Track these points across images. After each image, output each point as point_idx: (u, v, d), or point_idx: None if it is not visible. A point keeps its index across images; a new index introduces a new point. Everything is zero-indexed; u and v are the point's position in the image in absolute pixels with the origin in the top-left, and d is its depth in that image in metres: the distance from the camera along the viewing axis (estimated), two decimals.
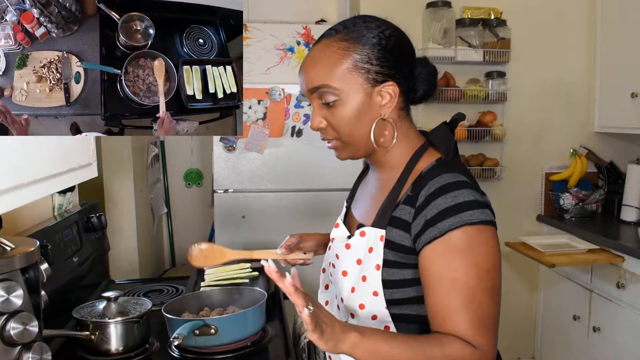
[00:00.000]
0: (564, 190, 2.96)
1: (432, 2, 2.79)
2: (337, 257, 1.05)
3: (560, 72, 3.02)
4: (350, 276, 1.00)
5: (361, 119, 0.97)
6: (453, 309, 0.87)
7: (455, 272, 0.87)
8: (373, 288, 0.96)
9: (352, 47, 0.95)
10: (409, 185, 0.97)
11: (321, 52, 0.98)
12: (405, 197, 0.96)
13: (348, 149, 1.00)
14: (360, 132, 0.98)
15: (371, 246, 0.97)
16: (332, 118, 0.97)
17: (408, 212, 0.94)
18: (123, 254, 2.78)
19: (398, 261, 0.95)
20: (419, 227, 0.91)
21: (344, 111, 0.96)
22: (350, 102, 0.96)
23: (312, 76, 0.97)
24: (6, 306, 0.88)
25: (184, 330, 1.22)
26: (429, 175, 0.94)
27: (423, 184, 0.93)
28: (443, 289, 0.88)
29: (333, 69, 0.95)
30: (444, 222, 0.88)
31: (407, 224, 0.93)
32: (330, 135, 1.00)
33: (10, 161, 0.85)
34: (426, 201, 0.91)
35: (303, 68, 1.00)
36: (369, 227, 0.99)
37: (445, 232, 0.88)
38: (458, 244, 0.87)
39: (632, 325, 2.30)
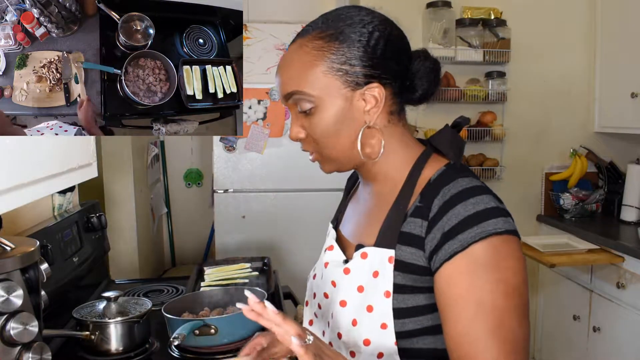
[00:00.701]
0: (564, 190, 2.96)
1: (432, 2, 2.79)
2: (334, 285, 0.89)
3: (560, 72, 3.02)
4: (351, 307, 0.84)
5: (342, 127, 0.84)
6: (479, 336, 0.73)
7: (480, 292, 0.74)
8: (381, 319, 0.81)
9: (327, 47, 0.83)
10: (417, 195, 0.83)
11: (295, 53, 0.86)
12: (413, 208, 0.82)
13: (330, 162, 0.88)
14: (342, 143, 0.85)
15: (376, 270, 0.82)
16: (310, 128, 0.86)
17: (419, 225, 0.80)
18: (123, 254, 2.78)
19: (410, 285, 0.80)
20: (435, 241, 0.78)
21: (321, 120, 0.84)
22: (327, 109, 0.83)
23: (285, 81, 0.86)
24: (6, 306, 0.88)
25: (184, 330, 1.22)
26: (441, 182, 0.81)
27: (435, 192, 0.80)
28: (467, 313, 0.74)
29: (306, 72, 0.83)
30: (466, 233, 0.75)
31: (419, 240, 0.80)
32: (309, 147, 0.88)
33: (10, 161, 0.84)
34: (442, 210, 0.78)
35: (278, 72, 0.88)
36: (371, 247, 0.84)
37: (468, 245, 0.75)
38: (483, 259, 0.74)
39: (632, 325, 2.30)
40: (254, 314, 0.71)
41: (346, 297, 0.85)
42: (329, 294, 0.90)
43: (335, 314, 0.87)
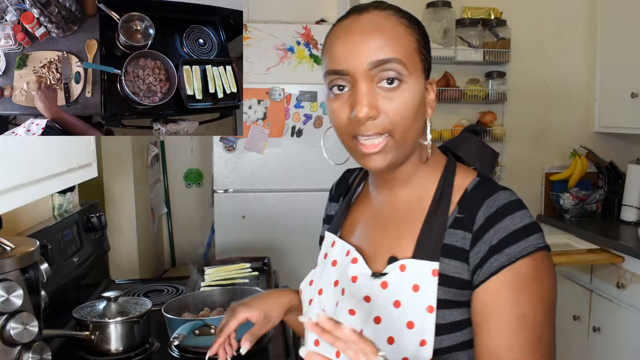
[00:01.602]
0: (564, 190, 2.96)
1: (432, 2, 2.79)
2: (368, 300, 0.81)
3: (560, 72, 3.02)
4: (386, 323, 0.78)
5: (417, 113, 0.78)
6: (521, 351, 0.73)
7: (523, 307, 0.74)
8: (421, 336, 0.76)
9: (412, 27, 0.78)
10: (454, 205, 0.80)
11: (385, 21, 0.77)
12: (452, 219, 0.79)
13: (396, 150, 0.78)
14: (416, 129, 0.79)
15: (416, 283, 0.77)
16: (391, 104, 0.76)
17: (462, 237, 0.77)
18: (123, 254, 2.78)
19: (451, 300, 0.77)
20: (480, 254, 0.75)
21: (405, 99, 0.76)
22: (413, 88, 0.77)
23: (379, 45, 0.75)
24: (6, 306, 0.88)
25: (184, 330, 1.22)
26: (482, 193, 0.79)
27: (477, 203, 0.78)
28: (509, 327, 0.73)
29: (402, 44, 0.76)
30: (513, 248, 0.74)
31: (464, 253, 0.77)
32: (380, 129, 0.76)
33: (11, 161, 0.85)
34: (488, 223, 0.76)
35: (360, 35, 0.76)
36: (410, 260, 0.79)
37: (515, 260, 0.74)
38: (528, 273, 0.74)
39: (632, 325, 2.30)
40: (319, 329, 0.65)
41: (380, 313, 0.79)
42: (359, 311, 0.82)
43: (368, 331, 0.79)
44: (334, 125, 0.82)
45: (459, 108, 2.98)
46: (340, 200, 1.01)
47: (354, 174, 1.04)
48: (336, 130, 0.82)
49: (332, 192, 1.06)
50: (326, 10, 3.25)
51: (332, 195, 1.05)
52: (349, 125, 0.78)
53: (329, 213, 1.04)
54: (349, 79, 0.77)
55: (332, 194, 1.05)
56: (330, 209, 1.03)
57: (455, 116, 2.98)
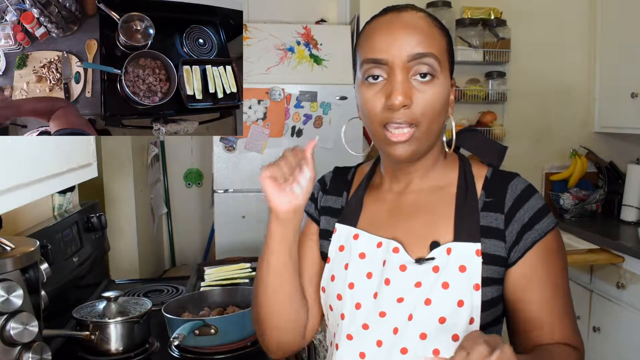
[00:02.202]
0: (564, 190, 2.96)
1: (432, 2, 2.79)
2: (419, 286, 0.84)
3: (560, 72, 3.02)
4: (437, 305, 0.83)
5: (442, 109, 0.85)
6: (559, 316, 0.84)
7: (554, 276, 0.85)
8: (470, 314, 0.82)
9: (442, 28, 0.87)
10: (480, 191, 0.88)
11: (421, 20, 0.84)
12: (482, 204, 0.87)
13: (420, 141, 0.84)
14: (440, 123, 0.86)
15: (462, 264, 0.83)
16: (423, 96, 0.82)
17: (495, 218, 0.86)
18: (123, 254, 2.78)
19: (491, 277, 0.84)
20: (514, 233, 0.84)
21: (435, 93, 0.83)
22: (443, 84, 0.84)
23: (420, 40, 0.82)
24: (6, 306, 0.88)
25: (184, 330, 1.22)
26: (503, 179, 0.89)
27: (502, 188, 0.87)
28: (548, 295, 0.84)
29: (437, 42, 0.84)
30: (541, 224, 0.84)
31: (500, 232, 0.85)
32: (410, 118, 0.82)
33: (10, 161, 0.85)
34: (517, 204, 0.85)
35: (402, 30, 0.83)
36: (455, 243, 0.85)
37: (545, 234, 0.84)
38: (554, 246, 0.85)
39: (632, 325, 2.30)
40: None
41: (431, 295, 0.83)
42: (407, 297, 0.85)
43: (418, 314, 0.83)
44: (365, 112, 0.86)
45: (459, 108, 2.98)
46: (345, 194, 1.01)
47: (351, 172, 1.04)
48: (367, 118, 0.86)
49: (326, 186, 1.04)
50: (326, 10, 3.25)
51: (326, 188, 1.03)
52: (382, 114, 0.83)
53: (325, 205, 1.01)
54: (386, 69, 0.83)
55: (328, 188, 1.03)
56: (327, 201, 1.02)
57: (455, 116, 2.93)
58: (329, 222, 0.99)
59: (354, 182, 1.02)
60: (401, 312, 0.85)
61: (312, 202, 1.03)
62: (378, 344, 0.86)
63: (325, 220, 1.00)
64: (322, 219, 1.01)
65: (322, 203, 1.02)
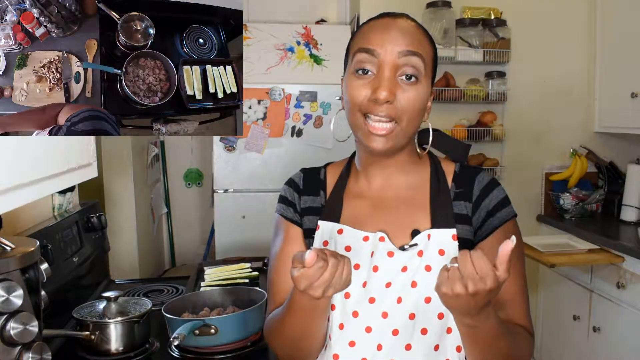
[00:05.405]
0: (564, 190, 2.97)
1: (432, 2, 2.79)
2: (405, 270, 0.92)
3: (560, 72, 3.03)
4: (423, 286, 0.91)
5: (421, 110, 0.92)
6: (514, 297, 0.93)
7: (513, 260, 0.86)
8: None
9: (431, 40, 0.95)
10: (450, 183, 0.98)
11: (412, 27, 0.93)
12: (453, 194, 0.97)
13: (398, 138, 0.91)
14: (417, 123, 0.94)
15: (441, 248, 0.92)
16: (405, 95, 0.89)
17: (464, 206, 0.96)
18: (123, 254, 2.78)
19: None
20: (479, 219, 0.95)
21: (418, 94, 0.90)
22: (423, 87, 0.91)
23: (411, 41, 0.90)
24: (6, 306, 0.88)
25: (184, 330, 1.22)
26: (470, 173, 0.99)
27: (469, 180, 0.98)
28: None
29: (426, 47, 0.92)
30: (502, 212, 0.95)
31: (468, 218, 0.96)
32: (392, 113, 0.89)
33: (10, 161, 0.84)
34: (483, 194, 0.96)
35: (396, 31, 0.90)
36: (434, 229, 0.93)
37: (505, 222, 0.94)
38: (512, 233, 0.89)
39: (632, 325, 2.30)
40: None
41: (416, 278, 0.91)
42: (395, 281, 0.92)
43: (406, 296, 0.91)
44: (348, 100, 0.92)
45: (459, 108, 2.98)
46: (322, 193, 1.04)
47: (321, 172, 1.07)
48: (349, 105, 0.93)
49: (299, 187, 1.06)
50: (326, 10, 3.25)
51: (300, 189, 1.06)
52: (365, 104, 0.90)
53: (305, 205, 1.04)
54: (377, 63, 0.90)
55: (302, 189, 1.06)
56: (306, 202, 1.04)
57: (455, 116, 2.98)
58: (312, 221, 1.03)
59: (327, 180, 1.05)
60: (390, 296, 0.92)
61: (289, 207, 1.05)
62: (367, 330, 0.92)
63: (308, 220, 1.03)
64: (305, 219, 1.03)
65: (302, 205, 1.05)
